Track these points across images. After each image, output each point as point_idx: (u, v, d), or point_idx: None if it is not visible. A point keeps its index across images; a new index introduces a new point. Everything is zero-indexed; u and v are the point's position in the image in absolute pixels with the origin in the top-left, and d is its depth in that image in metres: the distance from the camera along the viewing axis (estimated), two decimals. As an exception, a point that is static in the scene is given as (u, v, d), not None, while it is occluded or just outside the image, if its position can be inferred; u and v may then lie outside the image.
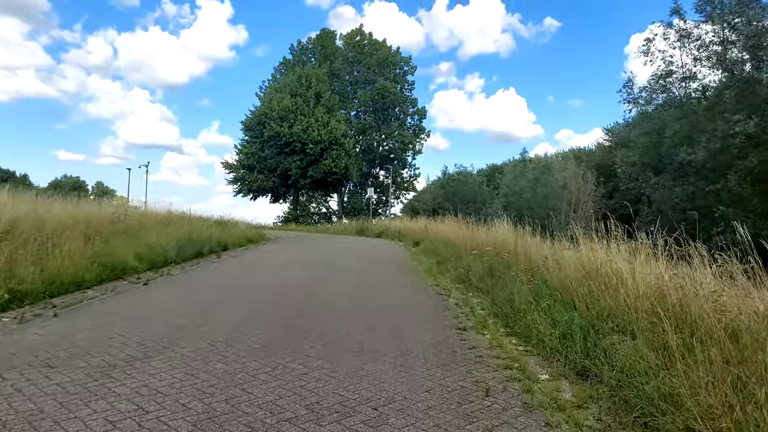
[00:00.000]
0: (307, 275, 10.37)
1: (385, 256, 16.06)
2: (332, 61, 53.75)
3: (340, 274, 10.71)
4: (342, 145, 40.16)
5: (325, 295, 8.01)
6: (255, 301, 7.28)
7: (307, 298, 7.62)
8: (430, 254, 15.91)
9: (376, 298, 8.10)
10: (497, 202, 55.00)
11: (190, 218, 19.12)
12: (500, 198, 54.45)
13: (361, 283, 9.61)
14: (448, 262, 13.07)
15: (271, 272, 10.83)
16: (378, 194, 58.86)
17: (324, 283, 9.34)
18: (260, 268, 11.55)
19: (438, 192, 71.51)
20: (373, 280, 10.27)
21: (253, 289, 8.37)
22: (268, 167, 39.35)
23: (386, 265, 13.22)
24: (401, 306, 7.38)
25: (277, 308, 6.80)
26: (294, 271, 11.03)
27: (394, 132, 55.36)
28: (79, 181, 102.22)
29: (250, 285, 8.88)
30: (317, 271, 11.24)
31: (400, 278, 10.84)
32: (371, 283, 9.91)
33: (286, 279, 9.62)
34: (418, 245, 20.04)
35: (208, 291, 8.17)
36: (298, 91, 40.23)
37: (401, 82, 58.58)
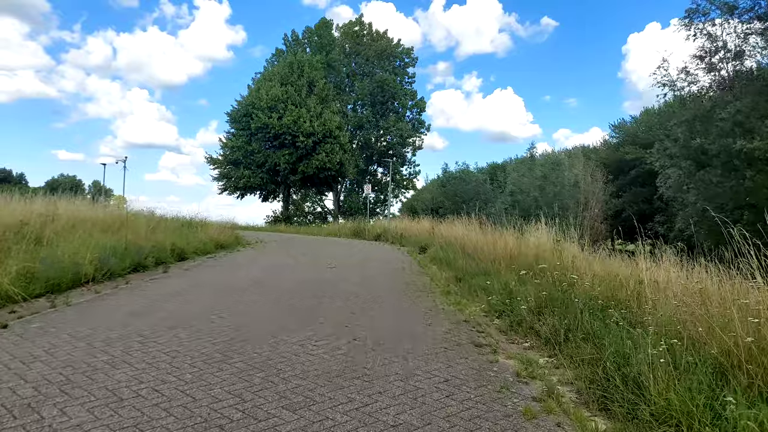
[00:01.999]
0: (276, 305, 7.10)
1: (386, 268, 12.75)
2: (328, 51, 50.42)
3: (326, 302, 7.44)
4: (336, 138, 36.80)
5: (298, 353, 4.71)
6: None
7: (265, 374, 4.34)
8: (444, 266, 12.62)
9: (381, 356, 4.79)
10: (501, 201, 52.13)
11: (152, 219, 15.88)
12: (506, 196, 51.42)
13: (357, 318, 6.35)
14: (471, 279, 9.80)
15: (226, 297, 7.53)
16: (376, 193, 55.53)
17: (301, 315, 6.08)
18: (213, 292, 8.23)
19: (437, 191, 68.67)
20: (374, 314, 6.97)
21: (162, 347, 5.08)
22: (255, 162, 35.94)
23: (389, 285, 9.90)
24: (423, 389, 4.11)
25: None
26: (264, 294, 7.74)
27: (393, 126, 52.05)
28: (76, 180, 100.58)
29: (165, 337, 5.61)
30: (292, 298, 7.94)
31: (412, 310, 7.52)
32: (372, 320, 6.62)
33: (248, 313, 6.36)
34: (425, 251, 16.75)
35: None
36: (289, 80, 36.85)
37: (401, 75, 55.31)
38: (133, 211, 17.41)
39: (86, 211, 13.77)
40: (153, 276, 9.71)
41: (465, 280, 10.20)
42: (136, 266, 10.14)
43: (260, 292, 7.97)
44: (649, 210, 35.15)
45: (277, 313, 6.48)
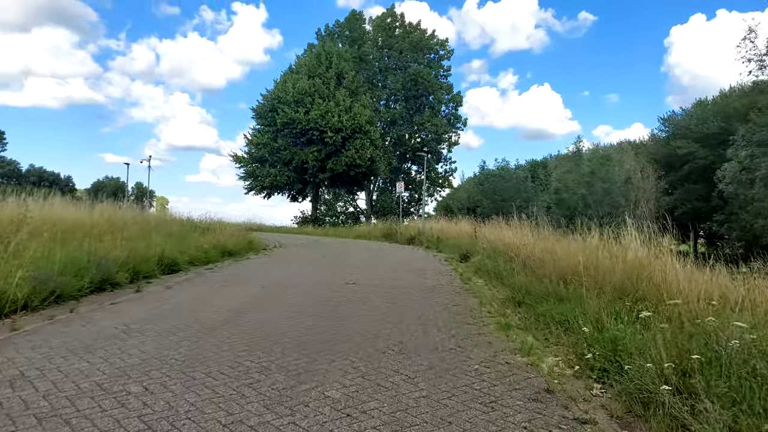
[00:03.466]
0: (245, 370, 4.68)
1: (420, 284, 10.20)
2: (360, 45, 48.18)
3: (323, 358, 4.98)
4: (367, 133, 34.39)
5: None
6: None
7: None
8: (493, 280, 10.04)
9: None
10: (542, 200, 49.01)
11: (148, 223, 13.91)
12: (550, 194, 48.20)
13: (368, 389, 3.87)
14: (535, 303, 7.21)
15: (184, 343, 5.15)
16: (410, 192, 52.96)
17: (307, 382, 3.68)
18: (170, 331, 5.89)
19: (474, 189, 65.66)
20: (398, 379, 4.46)
21: None
22: (281, 160, 33.91)
23: (423, 312, 7.34)
24: None
25: None
26: (242, 335, 5.34)
27: (427, 122, 49.33)
28: (120, 182, 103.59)
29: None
30: (278, 346, 5.51)
31: (457, 363, 4.94)
32: (394, 391, 4.12)
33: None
34: (467, 259, 14.14)
35: None
36: (317, 72, 34.68)
37: (436, 68, 52.55)
38: (137, 212, 15.51)
39: (73, 214, 11.79)
40: (117, 298, 7.47)
41: (526, 304, 7.58)
42: (101, 284, 7.96)
43: (239, 332, 5.57)
44: (705, 208, 32.06)
45: (243, 384, 4.05)
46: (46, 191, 15.81)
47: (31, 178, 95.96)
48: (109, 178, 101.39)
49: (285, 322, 6.09)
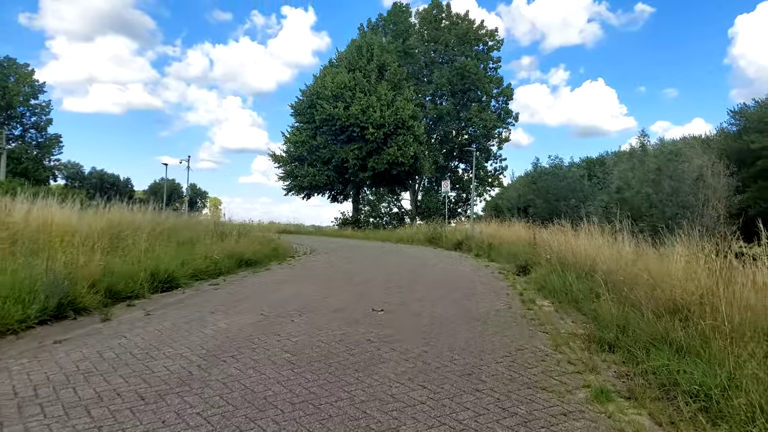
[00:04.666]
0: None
1: (469, 310, 7.99)
2: (405, 38, 46.05)
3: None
4: (410, 128, 32.19)
5: None
6: None
7: None
8: (567, 306, 7.74)
9: None
10: (600, 199, 45.63)
11: (154, 229, 12.33)
12: (611, 193, 44.64)
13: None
14: (644, 355, 4.93)
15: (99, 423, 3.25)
16: (457, 191, 50.39)
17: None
18: (91, 403, 3.99)
19: (524, 189, 62.26)
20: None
21: None
22: (320, 158, 32.22)
23: (476, 362, 5.17)
24: None
25: None
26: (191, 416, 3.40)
27: (476, 117, 46.59)
28: (174, 183, 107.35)
29: None
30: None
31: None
32: None
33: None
34: (527, 272, 11.79)
35: None
36: (357, 64, 32.80)
37: (484, 60, 49.75)
38: (153, 215, 14.02)
39: (74, 218, 10.29)
40: (70, 331, 5.69)
41: (623, 348, 5.31)
42: (61, 310, 6.23)
43: (192, 406, 3.61)
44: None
45: None
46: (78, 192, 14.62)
47: (92, 180, 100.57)
48: (165, 180, 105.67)
49: (269, 384, 4.06)
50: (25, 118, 56.54)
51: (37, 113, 57.29)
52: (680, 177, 38.28)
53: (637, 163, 44.83)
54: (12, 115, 55.21)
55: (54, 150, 58.86)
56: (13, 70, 55.18)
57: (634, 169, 44.04)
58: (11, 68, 55.14)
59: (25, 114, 56.41)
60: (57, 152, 59.55)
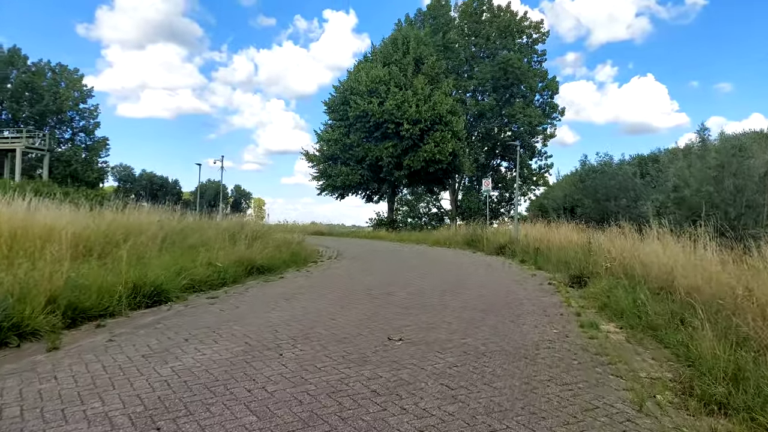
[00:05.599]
0: None
1: (513, 342, 6.35)
2: (445, 32, 44.25)
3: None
4: (448, 124, 30.41)
5: None
6: None
7: None
8: (642, 334, 6.02)
9: None
10: (654, 198, 42.64)
11: (185, 227, 11.28)
12: (667, 193, 41.57)
13: None
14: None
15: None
16: (499, 190, 48.14)
17: None
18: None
19: (571, 188, 59.24)
20: None
21: None
22: (354, 157, 30.87)
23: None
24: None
25: None
26: None
27: (519, 113, 44.25)
28: (220, 184, 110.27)
29: None
30: None
31: None
32: None
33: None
34: (582, 284, 9.99)
35: None
36: (393, 58, 31.30)
37: (528, 54, 47.34)
38: (163, 216, 13.00)
39: (58, 220, 9.24)
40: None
41: (741, 410, 3.62)
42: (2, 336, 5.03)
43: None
44: None
45: None
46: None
47: (142, 182, 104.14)
48: (211, 182, 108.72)
49: None
50: (74, 121, 58.02)
51: (86, 117, 58.69)
52: (745, 174, 34.97)
53: (695, 160, 41.49)
54: (62, 119, 56.71)
55: (101, 152, 60.20)
56: (64, 76, 56.70)
57: (692, 166, 40.77)
58: (62, 74, 56.68)
59: (74, 118, 57.88)
60: (104, 154, 60.93)
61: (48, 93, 52.43)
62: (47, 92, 52.39)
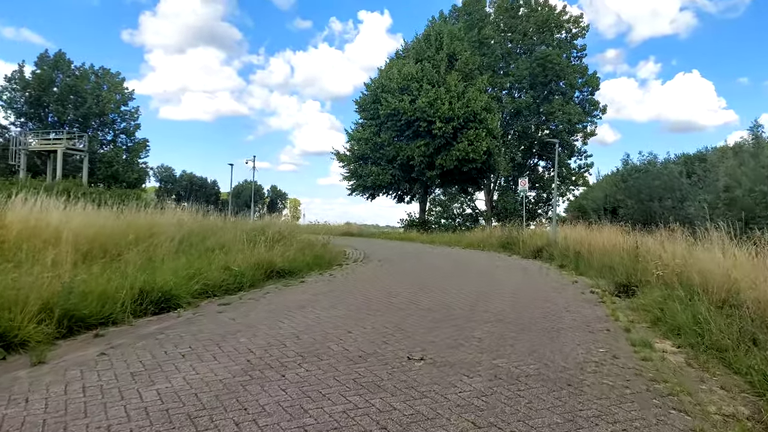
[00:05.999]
0: None
1: (553, 365, 5.57)
2: (480, 28, 43.14)
3: None
4: (483, 121, 29.42)
5: None
6: None
7: None
8: (705, 355, 5.13)
9: None
10: (702, 199, 40.57)
11: (203, 227, 10.92)
12: (717, 193, 39.42)
13: None
14: None
15: None
16: (537, 191, 46.66)
17: None
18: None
19: (612, 188, 57.08)
20: None
21: None
22: (385, 156, 30.23)
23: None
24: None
25: None
26: None
27: (558, 110, 42.72)
28: (257, 185, 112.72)
29: None
30: None
31: None
32: None
33: None
34: (630, 293, 9.06)
35: None
36: (425, 54, 30.51)
37: (567, 49, 45.71)
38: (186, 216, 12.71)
39: (69, 221, 8.98)
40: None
41: None
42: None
43: None
44: None
45: None
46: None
47: (182, 182, 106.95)
48: (248, 182, 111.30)
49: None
50: (116, 123, 59.52)
51: (127, 119, 60.16)
52: (805, 173, 32.74)
53: (748, 158, 39.18)
54: (104, 122, 58.26)
55: (141, 153, 61.63)
56: (106, 79, 58.28)
57: (745, 164, 38.53)
58: (104, 78, 58.27)
59: (116, 120, 59.38)
60: (144, 155, 62.38)
61: (91, 96, 53.89)
62: (90, 95, 53.85)
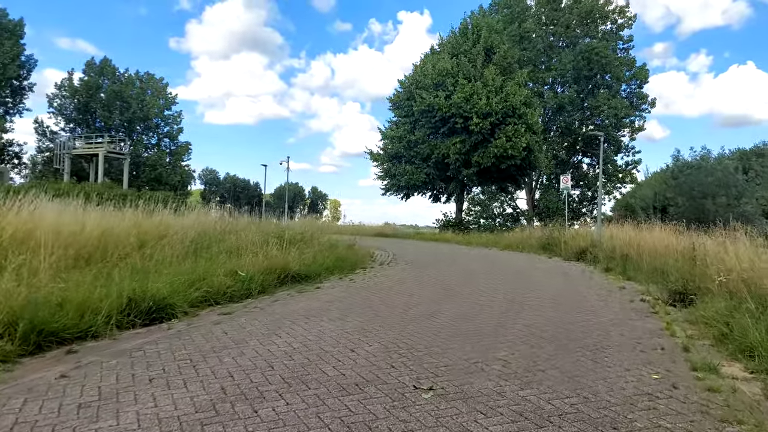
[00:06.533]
0: None
1: (597, 402, 4.60)
2: (521, 22, 41.56)
3: None
4: (522, 116, 28.04)
5: None
6: None
7: None
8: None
9: None
10: (760, 196, 38.09)
11: (221, 228, 10.42)
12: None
13: None
14: None
15: None
16: (581, 189, 44.60)
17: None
18: None
19: (661, 185, 54.31)
20: None
21: None
22: (419, 155, 29.27)
23: None
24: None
25: None
26: None
27: (603, 105, 40.62)
28: (298, 186, 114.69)
29: None
30: None
31: None
32: None
33: None
34: (687, 303, 7.86)
35: None
36: (462, 48, 29.38)
37: (613, 40, 43.49)
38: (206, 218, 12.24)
39: (72, 222, 8.55)
40: None
41: None
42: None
43: None
44: None
45: None
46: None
47: (226, 185, 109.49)
48: (290, 184, 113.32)
49: None
50: (160, 128, 60.94)
51: (170, 123, 61.51)
52: None
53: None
54: (149, 126, 59.75)
55: (184, 156, 62.92)
56: (150, 84, 59.76)
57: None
58: (148, 83, 59.77)
59: (159, 124, 60.80)
60: (186, 158, 63.69)
61: (135, 101, 55.28)
62: (134, 100, 55.24)
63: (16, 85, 47.26)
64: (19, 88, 47.77)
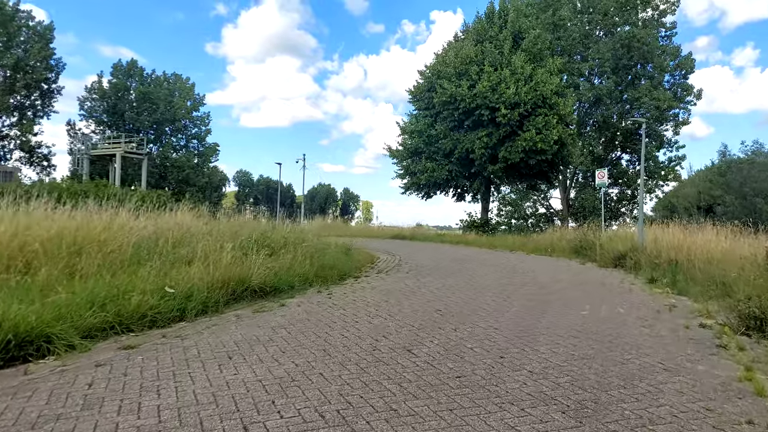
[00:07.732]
0: None
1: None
2: (556, 9, 38.96)
3: None
4: (554, 107, 25.64)
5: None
6: None
7: None
8: None
9: None
10: None
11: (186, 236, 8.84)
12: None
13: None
14: None
15: None
16: (620, 187, 41.53)
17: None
18: None
19: (706, 184, 50.53)
20: None
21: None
22: (441, 150, 27.21)
23: None
24: None
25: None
26: None
27: (645, 96, 37.55)
28: (330, 188, 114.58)
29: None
30: None
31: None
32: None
33: None
34: (764, 330, 5.73)
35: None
36: (487, 35, 27.20)
37: (654, 27, 40.35)
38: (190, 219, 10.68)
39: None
40: None
41: None
42: None
43: None
44: None
45: None
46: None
47: (259, 186, 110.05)
48: (322, 185, 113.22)
49: None
50: (188, 129, 60.74)
51: (197, 124, 61.24)
52: None
53: None
54: (177, 127, 59.60)
55: (212, 158, 62.61)
56: (177, 85, 59.60)
57: None
58: (176, 84, 59.63)
59: (187, 126, 60.59)
60: (214, 159, 63.39)
61: (163, 102, 55.06)
62: (162, 102, 55.03)
63: (45, 89, 47.55)
64: (48, 91, 48.06)
